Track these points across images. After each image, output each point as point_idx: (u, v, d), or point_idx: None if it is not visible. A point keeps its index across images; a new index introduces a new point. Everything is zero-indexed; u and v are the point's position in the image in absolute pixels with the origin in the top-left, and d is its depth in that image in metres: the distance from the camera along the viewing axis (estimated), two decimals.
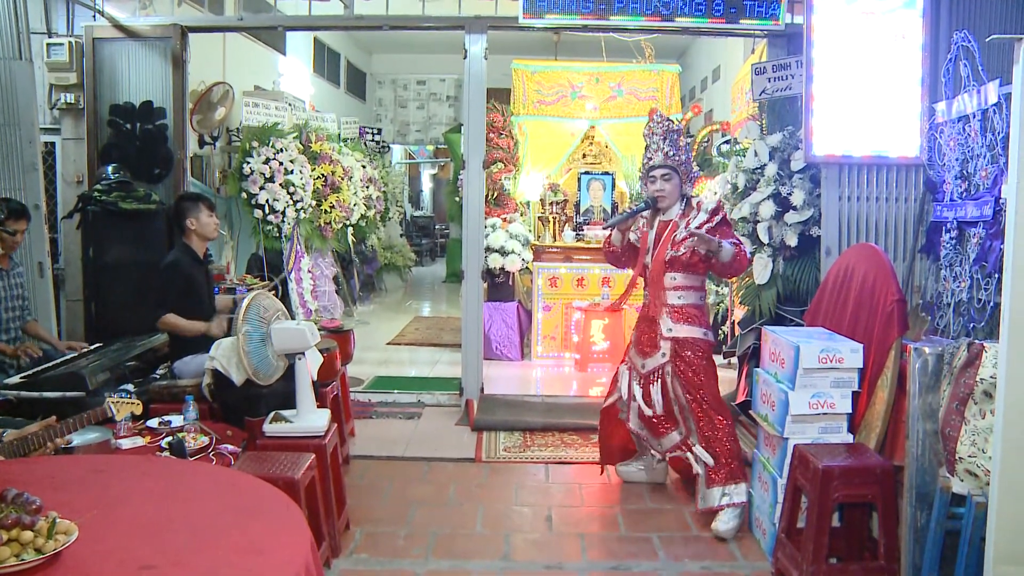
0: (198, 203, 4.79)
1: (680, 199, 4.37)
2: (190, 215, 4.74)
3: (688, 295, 4.32)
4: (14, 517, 1.85)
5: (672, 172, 4.32)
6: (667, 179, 4.32)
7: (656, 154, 4.35)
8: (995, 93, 3.72)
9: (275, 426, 3.81)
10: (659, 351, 4.33)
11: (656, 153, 4.35)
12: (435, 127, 15.91)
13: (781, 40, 5.83)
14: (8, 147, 5.46)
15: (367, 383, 6.87)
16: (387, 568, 3.69)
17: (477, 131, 6.21)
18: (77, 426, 2.97)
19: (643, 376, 4.42)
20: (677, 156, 4.34)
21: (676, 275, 4.29)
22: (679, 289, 4.31)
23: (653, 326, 4.38)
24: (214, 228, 4.84)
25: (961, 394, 3.05)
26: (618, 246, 4.52)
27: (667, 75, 9.75)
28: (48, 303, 5.61)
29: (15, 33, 5.42)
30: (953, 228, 4.08)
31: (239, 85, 8.11)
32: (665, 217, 4.37)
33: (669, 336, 4.29)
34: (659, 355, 4.33)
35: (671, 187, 4.33)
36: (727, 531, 4.06)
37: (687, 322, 4.29)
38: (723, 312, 8.11)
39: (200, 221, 4.76)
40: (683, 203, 4.38)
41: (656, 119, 4.44)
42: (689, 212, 4.34)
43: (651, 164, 4.37)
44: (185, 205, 4.79)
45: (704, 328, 4.33)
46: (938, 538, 3.05)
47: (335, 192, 8.06)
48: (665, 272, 4.30)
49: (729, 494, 4.14)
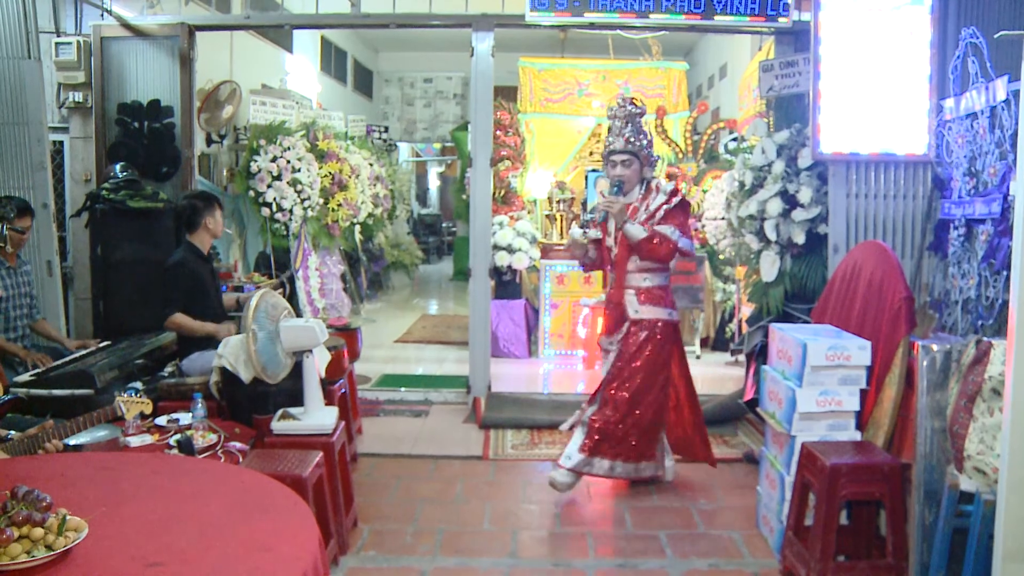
0: (212, 203, 4.86)
1: (640, 182, 4.48)
2: (208, 214, 4.80)
3: (654, 276, 4.43)
4: (25, 514, 1.86)
5: (633, 157, 4.42)
6: (627, 164, 4.42)
7: (617, 139, 4.44)
8: (1004, 90, 3.71)
9: (283, 424, 3.82)
10: (622, 331, 4.45)
11: (617, 138, 4.44)
12: (442, 125, 15.90)
13: (788, 37, 5.82)
14: (17, 146, 5.49)
15: (374, 381, 6.89)
16: (394, 565, 3.70)
17: (484, 129, 6.21)
18: (87, 424, 2.98)
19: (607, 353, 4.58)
20: (638, 141, 4.43)
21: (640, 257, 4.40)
22: (644, 271, 4.42)
23: (620, 308, 4.48)
24: (222, 227, 4.94)
25: (969, 391, 3.04)
26: (581, 255, 4.66)
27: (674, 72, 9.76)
28: (57, 301, 5.64)
29: (24, 32, 5.45)
30: (961, 225, 4.07)
31: (246, 83, 8.12)
32: (625, 200, 4.45)
33: (636, 318, 4.41)
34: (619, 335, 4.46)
35: (631, 172, 4.43)
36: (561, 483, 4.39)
37: (653, 303, 4.41)
38: (730, 309, 8.11)
39: (216, 220, 4.86)
40: (643, 186, 4.48)
41: (619, 102, 4.52)
42: (649, 194, 4.44)
43: (612, 149, 4.45)
44: (202, 205, 4.82)
45: (670, 308, 4.46)
46: (946, 536, 3.04)
47: (342, 190, 8.07)
48: (630, 255, 4.40)
49: (591, 464, 4.39)
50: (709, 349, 8.37)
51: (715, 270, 8.32)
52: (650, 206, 4.39)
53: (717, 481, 4.77)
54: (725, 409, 5.85)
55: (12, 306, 4.83)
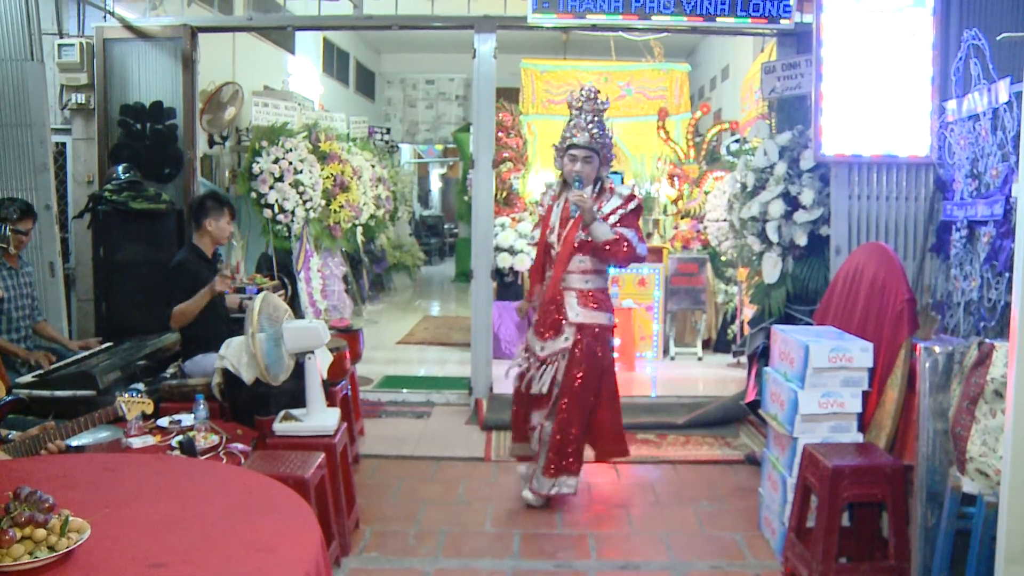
0: (223, 208, 4.82)
1: (594, 181, 4.27)
2: (211, 216, 4.77)
3: (595, 279, 4.28)
4: (27, 515, 1.86)
5: (594, 155, 4.22)
6: (588, 161, 4.21)
7: (581, 133, 4.22)
8: (1006, 91, 3.71)
9: (285, 425, 3.82)
10: (562, 335, 4.25)
11: (581, 132, 4.22)
12: (444, 126, 15.91)
13: (791, 39, 5.82)
14: (19, 147, 5.50)
15: (377, 382, 6.89)
16: (397, 567, 3.70)
17: (486, 130, 6.22)
18: (88, 425, 2.98)
19: (539, 359, 4.31)
20: (603, 138, 4.25)
21: (585, 258, 4.23)
22: (587, 273, 4.25)
23: (558, 309, 4.27)
24: (228, 235, 4.90)
25: (971, 393, 3.04)
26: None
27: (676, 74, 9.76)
28: (59, 303, 5.65)
29: (27, 34, 5.46)
30: (963, 227, 4.07)
31: (248, 85, 8.13)
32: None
33: (575, 321, 4.22)
34: (562, 339, 4.25)
35: (590, 169, 4.22)
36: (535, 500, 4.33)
37: (594, 307, 4.24)
38: (732, 311, 8.10)
39: (218, 225, 4.79)
40: (596, 186, 4.27)
41: (585, 93, 4.30)
42: (602, 195, 4.25)
43: (574, 142, 4.23)
44: (210, 204, 4.80)
45: (609, 313, 4.30)
46: (948, 538, 3.04)
47: (344, 191, 8.07)
48: (573, 254, 4.23)
49: (559, 486, 4.28)
50: (711, 351, 8.36)
51: (717, 272, 8.32)
52: (603, 207, 4.20)
53: (719, 483, 4.77)
54: (727, 411, 5.85)
55: (14, 307, 4.83)
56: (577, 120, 4.27)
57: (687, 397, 6.48)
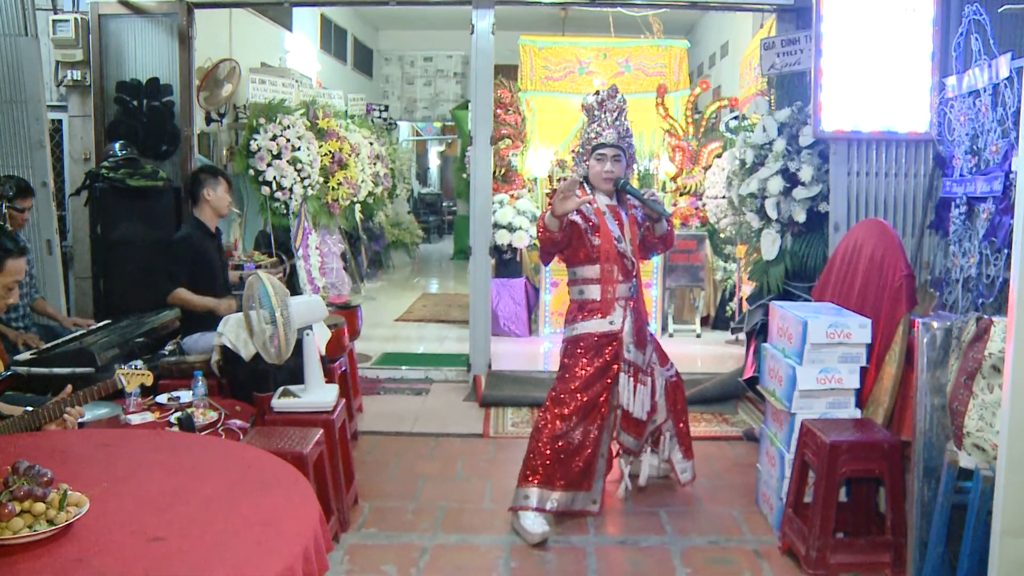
0: (218, 177, 4.84)
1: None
2: (208, 186, 4.78)
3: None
4: (26, 489, 1.87)
5: (623, 154, 3.93)
6: (617, 160, 3.90)
7: (608, 131, 3.91)
8: (1007, 67, 3.69)
9: (283, 401, 3.82)
10: (649, 347, 4.09)
11: (609, 130, 3.92)
12: (442, 104, 15.85)
13: (790, 15, 5.79)
14: (15, 124, 5.47)
15: (375, 359, 6.90)
16: (395, 542, 3.71)
17: (484, 107, 6.19)
18: (88, 399, 2.98)
19: (639, 370, 4.03)
20: (628, 136, 4.00)
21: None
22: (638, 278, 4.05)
23: (640, 320, 4.03)
24: (227, 205, 4.90)
25: (969, 368, 3.04)
26: (556, 231, 3.72)
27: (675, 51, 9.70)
28: (57, 280, 5.64)
29: (21, 10, 5.41)
30: (962, 204, 4.06)
31: (245, 62, 8.08)
32: (610, 202, 3.96)
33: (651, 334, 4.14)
34: (649, 350, 4.09)
35: (620, 168, 3.92)
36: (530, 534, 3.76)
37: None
38: (731, 288, 8.11)
39: (216, 194, 4.81)
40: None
41: (605, 92, 4.04)
42: (624, 197, 4.00)
43: (602, 141, 3.90)
44: (204, 176, 4.82)
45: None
46: (945, 512, 3.05)
47: (342, 169, 8.05)
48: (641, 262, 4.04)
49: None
50: (709, 328, 8.38)
51: (716, 249, 8.32)
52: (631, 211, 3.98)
53: (717, 459, 4.79)
54: (725, 387, 5.86)
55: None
56: (600, 119, 3.97)
57: (685, 374, 6.40)
